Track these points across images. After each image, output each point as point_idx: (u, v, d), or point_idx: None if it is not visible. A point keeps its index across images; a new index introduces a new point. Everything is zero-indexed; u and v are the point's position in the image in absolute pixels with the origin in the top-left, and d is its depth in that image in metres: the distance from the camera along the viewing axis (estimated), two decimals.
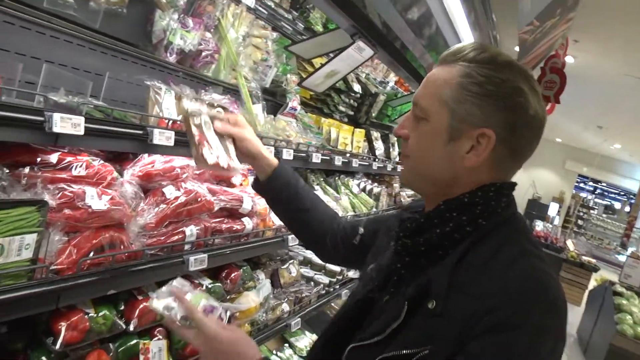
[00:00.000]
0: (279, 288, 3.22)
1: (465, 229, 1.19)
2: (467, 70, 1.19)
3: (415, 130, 1.27)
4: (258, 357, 1.29)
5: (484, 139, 1.18)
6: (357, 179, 4.89)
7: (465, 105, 1.18)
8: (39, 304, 1.51)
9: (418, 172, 1.29)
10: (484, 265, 1.12)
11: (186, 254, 2.06)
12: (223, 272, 2.57)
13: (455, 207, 1.21)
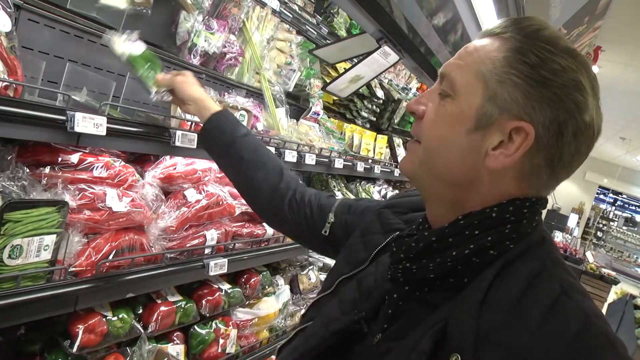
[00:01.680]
0: (298, 294, 3.18)
1: (488, 252, 0.93)
2: (519, 45, 0.94)
3: (434, 108, 1.02)
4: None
5: (520, 135, 0.93)
6: (378, 186, 4.84)
7: (507, 87, 0.93)
8: (57, 306, 1.49)
9: (428, 162, 1.02)
10: (516, 306, 0.86)
11: (206, 258, 2.03)
12: (243, 277, 2.54)
13: (479, 224, 0.95)
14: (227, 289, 2.35)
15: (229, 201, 2.19)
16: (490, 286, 0.89)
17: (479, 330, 0.84)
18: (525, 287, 0.87)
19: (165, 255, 1.86)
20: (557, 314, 0.83)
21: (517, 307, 0.85)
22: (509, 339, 0.82)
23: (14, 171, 1.50)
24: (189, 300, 2.13)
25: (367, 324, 1.06)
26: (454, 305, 0.91)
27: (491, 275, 0.90)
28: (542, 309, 0.84)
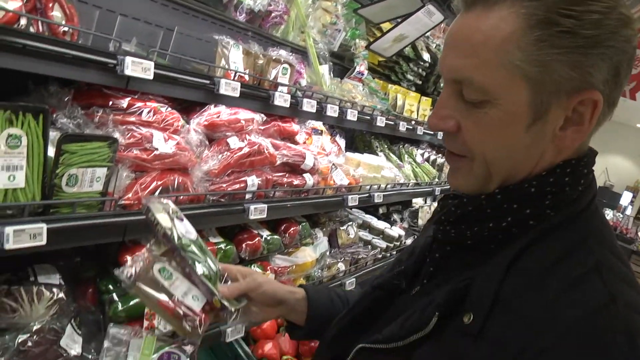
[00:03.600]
0: (336, 248, 3.28)
1: (527, 222, 0.91)
2: (541, 14, 0.80)
3: (473, 120, 0.90)
4: None
5: (587, 106, 0.85)
6: (421, 149, 4.85)
7: (553, 68, 0.82)
8: (108, 235, 1.62)
9: (491, 174, 0.93)
10: (542, 275, 0.84)
11: (247, 202, 2.13)
12: (282, 226, 2.65)
13: (517, 198, 0.91)
14: (266, 236, 2.46)
15: (270, 150, 2.27)
16: (522, 253, 0.88)
17: (498, 293, 0.85)
18: (558, 258, 0.85)
19: (207, 196, 1.97)
20: (577, 288, 0.81)
21: (541, 276, 0.84)
22: (522, 305, 0.82)
23: (70, 110, 1.63)
24: (229, 243, 2.25)
25: (408, 281, 1.13)
26: (484, 268, 0.91)
27: (525, 243, 0.89)
28: (564, 281, 0.82)
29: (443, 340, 0.90)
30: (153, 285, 1.22)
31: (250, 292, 1.37)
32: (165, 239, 1.27)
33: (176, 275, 1.26)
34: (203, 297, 1.28)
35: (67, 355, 1.56)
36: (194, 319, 1.23)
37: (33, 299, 1.55)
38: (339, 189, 2.88)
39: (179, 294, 1.24)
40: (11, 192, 1.35)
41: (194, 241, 1.33)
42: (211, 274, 1.30)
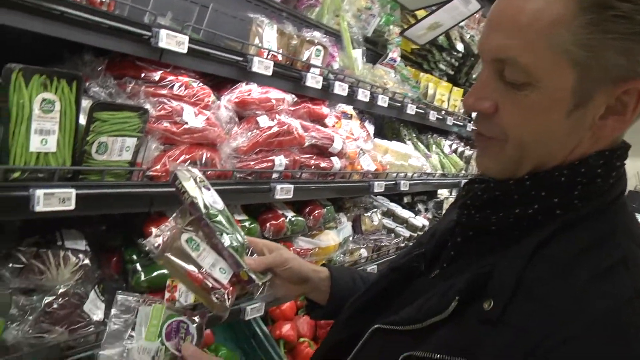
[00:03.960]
0: (359, 234, 3.27)
1: (554, 211, 0.88)
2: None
3: (512, 102, 0.86)
4: None
5: (631, 96, 0.81)
6: (449, 140, 4.80)
7: (603, 54, 0.78)
8: (134, 204, 1.63)
9: (524, 158, 0.90)
10: (569, 264, 0.82)
11: (273, 182, 2.13)
12: (307, 208, 2.65)
13: (547, 186, 0.89)
14: (291, 217, 2.47)
15: (299, 132, 2.27)
16: (547, 241, 0.86)
17: (521, 281, 0.83)
18: (585, 249, 0.83)
19: (234, 173, 1.97)
20: (606, 280, 0.79)
21: (567, 266, 0.82)
22: (546, 293, 0.80)
23: (102, 80, 1.64)
24: (253, 221, 2.26)
25: (427, 264, 1.11)
26: (506, 254, 0.89)
27: (550, 231, 0.86)
28: (591, 272, 0.80)
29: (461, 324, 0.88)
30: (181, 256, 1.21)
31: (276, 267, 1.35)
32: (192, 208, 1.26)
33: (203, 246, 1.25)
34: (230, 269, 1.27)
35: (89, 319, 1.59)
36: (221, 292, 1.22)
37: (60, 263, 1.58)
38: (366, 174, 2.86)
39: (206, 266, 1.23)
40: (43, 156, 1.37)
41: (221, 211, 1.31)
42: (238, 246, 1.29)
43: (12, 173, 1.33)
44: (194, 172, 1.33)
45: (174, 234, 1.24)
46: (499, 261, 0.89)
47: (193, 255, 1.22)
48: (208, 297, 1.22)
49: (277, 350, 2.77)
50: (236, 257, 1.26)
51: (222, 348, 2.67)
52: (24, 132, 1.32)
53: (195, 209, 1.25)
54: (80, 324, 1.57)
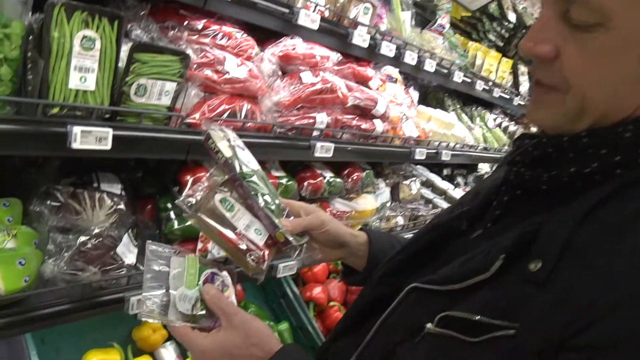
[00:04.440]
0: (396, 202, 3.21)
1: (614, 171, 0.80)
2: None
3: (575, 45, 0.77)
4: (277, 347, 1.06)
5: None
6: (494, 114, 4.66)
7: None
8: (171, 151, 1.61)
9: (580, 113, 0.82)
10: (621, 227, 0.75)
11: (313, 139, 2.09)
12: (345, 170, 2.60)
13: (608, 143, 0.80)
14: (329, 177, 2.42)
15: (343, 91, 2.21)
16: (601, 202, 0.79)
17: (570, 242, 0.77)
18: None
19: (274, 127, 1.93)
20: None
21: (621, 228, 0.75)
22: (597, 256, 0.75)
23: (145, 24, 1.61)
24: (291, 179, 2.22)
25: (469, 224, 1.06)
26: (556, 214, 0.82)
27: (606, 192, 0.79)
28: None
29: (504, 285, 0.82)
30: (214, 216, 1.18)
31: (313, 230, 1.31)
32: (226, 167, 1.22)
33: (238, 206, 1.21)
34: (265, 230, 1.24)
35: (121, 262, 1.59)
36: (257, 254, 1.19)
37: (95, 205, 1.58)
38: (408, 140, 2.79)
39: (241, 227, 1.20)
40: (81, 94, 1.35)
41: (255, 171, 1.27)
42: (273, 207, 1.26)
43: (51, 108, 1.31)
44: (227, 132, 1.29)
45: (208, 195, 1.21)
46: (548, 221, 0.82)
47: (227, 216, 1.19)
48: (243, 259, 1.19)
49: (307, 312, 2.77)
50: (272, 218, 1.23)
51: (252, 305, 2.68)
52: (64, 68, 1.30)
53: (230, 169, 1.22)
54: (113, 266, 1.57)
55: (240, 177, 1.21)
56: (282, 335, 2.66)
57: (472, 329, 0.82)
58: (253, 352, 1.05)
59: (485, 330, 0.80)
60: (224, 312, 1.09)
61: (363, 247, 1.39)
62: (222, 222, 1.18)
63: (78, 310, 1.57)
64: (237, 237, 1.18)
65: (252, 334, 1.06)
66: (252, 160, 1.29)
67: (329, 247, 1.37)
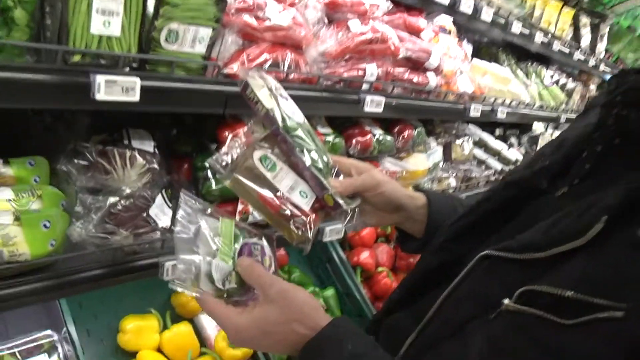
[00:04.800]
0: (448, 162, 3.02)
1: None
2: None
3: None
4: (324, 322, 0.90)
5: None
6: (551, 70, 4.36)
7: None
8: (207, 104, 1.46)
9: None
10: None
11: (363, 92, 1.91)
12: (396, 127, 2.41)
13: None
14: (379, 135, 2.24)
15: (394, 41, 2.01)
16: None
17: None
18: None
19: (321, 79, 1.76)
20: None
21: None
22: None
23: None
24: (338, 135, 2.05)
25: (551, 180, 0.91)
26: None
27: None
28: None
29: (605, 254, 0.68)
30: (253, 177, 1.02)
31: (366, 192, 1.15)
32: (267, 120, 1.06)
33: (280, 165, 1.06)
34: (312, 192, 1.08)
35: (154, 224, 1.47)
36: (302, 219, 1.04)
37: (126, 163, 1.45)
38: (462, 96, 2.58)
39: (284, 189, 1.04)
40: (105, 40, 1.21)
41: (301, 125, 1.11)
42: (321, 165, 1.09)
43: (71, 56, 1.17)
44: (268, 79, 1.12)
45: (245, 152, 1.05)
46: None
47: (268, 176, 1.03)
48: (286, 226, 1.04)
49: (353, 278, 2.63)
50: (320, 178, 1.07)
51: (295, 270, 2.56)
52: (85, 10, 1.15)
53: (271, 122, 1.06)
54: (146, 229, 1.46)
55: (283, 131, 1.05)
56: (328, 301, 2.54)
57: (564, 307, 0.67)
58: (295, 328, 0.89)
59: (583, 310, 0.65)
60: (260, 284, 0.94)
61: (422, 211, 1.23)
62: (262, 183, 1.02)
63: (110, 276, 1.47)
64: (279, 200, 1.02)
65: (293, 308, 0.91)
66: (296, 111, 1.13)
67: (383, 210, 1.20)
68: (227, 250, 0.98)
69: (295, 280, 2.49)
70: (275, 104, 1.07)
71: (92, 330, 1.96)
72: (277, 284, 0.93)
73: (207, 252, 0.95)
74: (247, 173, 1.01)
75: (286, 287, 0.93)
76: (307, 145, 1.08)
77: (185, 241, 0.95)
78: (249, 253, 1.01)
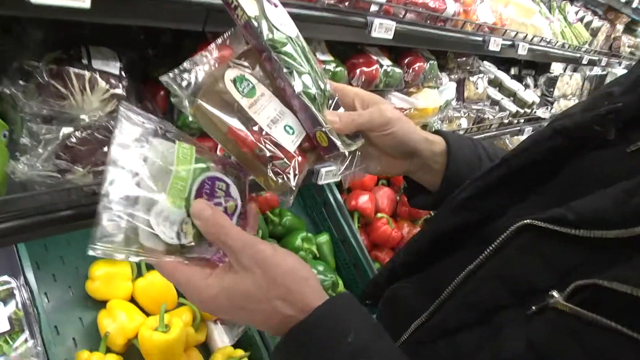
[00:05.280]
0: (460, 101, 2.76)
1: None
2: None
3: None
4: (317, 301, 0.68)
5: None
6: (575, 6, 4.04)
7: None
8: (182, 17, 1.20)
9: None
10: None
11: (371, 15, 1.64)
12: (406, 59, 2.12)
13: None
14: (387, 66, 1.97)
15: None
16: None
17: None
18: None
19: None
20: None
21: None
22: None
23: None
24: (340, 64, 1.78)
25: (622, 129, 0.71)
26: None
27: None
28: None
29: None
30: (222, 104, 0.77)
31: (372, 130, 0.91)
32: (248, 31, 0.81)
33: (261, 90, 0.81)
34: (301, 128, 0.84)
35: None
36: (284, 164, 0.79)
37: (85, 87, 1.21)
38: (481, 27, 2.30)
39: (263, 121, 0.79)
40: None
41: (292, 39, 0.86)
42: (316, 93, 0.84)
43: None
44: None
45: (215, 71, 0.80)
46: None
47: (243, 103, 0.78)
48: (262, 170, 0.79)
49: (350, 223, 2.43)
50: (312, 109, 0.83)
51: (287, 213, 2.34)
52: None
53: (253, 34, 0.80)
54: None
55: (267, 45, 0.80)
56: (321, 248, 2.34)
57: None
58: (278, 307, 0.67)
59: None
60: (227, 245, 0.70)
61: (439, 159, 0.98)
62: (234, 112, 0.78)
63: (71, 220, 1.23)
64: (255, 136, 0.78)
65: (275, 280, 0.67)
66: (288, 22, 0.87)
67: (392, 155, 0.97)
68: (180, 188, 0.72)
69: (286, 225, 2.29)
70: (260, 11, 0.81)
71: (58, 275, 1.77)
72: (250, 246, 0.69)
73: (151, 190, 0.70)
74: (214, 98, 0.77)
75: (264, 250, 0.69)
76: (298, 66, 0.83)
77: (120, 175, 0.68)
78: (211, 194, 0.75)
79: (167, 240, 0.70)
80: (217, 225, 0.70)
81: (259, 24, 0.79)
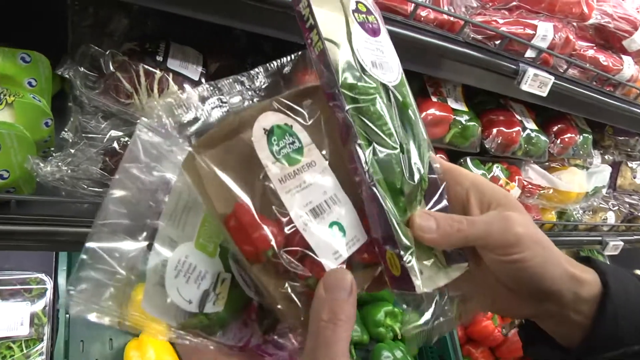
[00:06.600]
0: (610, 189, 2.30)
1: None
2: None
3: None
4: None
5: None
6: None
7: None
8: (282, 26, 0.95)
9: None
10: None
11: (525, 62, 1.30)
12: (555, 126, 1.75)
13: None
14: (530, 130, 1.61)
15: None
16: None
17: None
18: None
19: (466, 28, 1.18)
20: None
21: None
22: None
23: None
24: (474, 118, 1.46)
25: None
26: None
27: None
28: None
29: None
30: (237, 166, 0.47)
31: (488, 249, 0.54)
32: (319, 63, 0.50)
33: (313, 156, 0.51)
34: (360, 230, 0.51)
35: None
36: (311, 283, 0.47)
37: (152, 87, 0.99)
38: None
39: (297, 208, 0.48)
40: None
41: (389, 90, 0.53)
42: (405, 183, 0.51)
43: None
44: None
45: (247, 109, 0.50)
46: None
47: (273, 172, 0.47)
48: (275, 287, 0.46)
49: None
50: (388, 215, 0.49)
51: None
52: None
53: (324, 68, 0.50)
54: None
55: (342, 97, 0.49)
56: None
57: None
58: None
59: None
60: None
61: (586, 308, 0.58)
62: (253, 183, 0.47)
63: None
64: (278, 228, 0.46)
65: None
66: (389, 60, 0.55)
67: (513, 292, 0.59)
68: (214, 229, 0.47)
69: None
70: (344, 36, 0.51)
71: None
72: None
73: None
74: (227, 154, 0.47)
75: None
76: (385, 138, 0.50)
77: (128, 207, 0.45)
78: None
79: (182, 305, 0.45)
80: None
81: (335, 55, 0.49)
